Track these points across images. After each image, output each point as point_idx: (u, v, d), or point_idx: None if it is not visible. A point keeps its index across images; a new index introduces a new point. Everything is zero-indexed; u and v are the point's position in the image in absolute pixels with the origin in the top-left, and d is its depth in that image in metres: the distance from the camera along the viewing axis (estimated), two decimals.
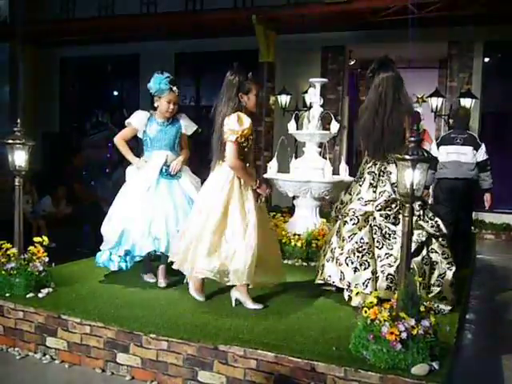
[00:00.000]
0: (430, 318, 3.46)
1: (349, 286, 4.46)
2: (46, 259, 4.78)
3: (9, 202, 5.11)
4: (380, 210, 4.56)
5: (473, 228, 9.93)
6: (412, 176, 3.46)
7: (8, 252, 4.73)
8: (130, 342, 3.95)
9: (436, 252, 4.58)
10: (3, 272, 4.64)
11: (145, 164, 5.16)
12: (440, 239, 4.65)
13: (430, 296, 4.38)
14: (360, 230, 4.59)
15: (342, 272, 4.54)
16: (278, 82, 11.64)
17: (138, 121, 5.24)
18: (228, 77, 4.64)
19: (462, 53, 11.41)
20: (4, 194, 7.85)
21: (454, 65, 11.53)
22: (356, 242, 4.55)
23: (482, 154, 7.05)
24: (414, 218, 4.33)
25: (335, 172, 7.01)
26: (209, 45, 12.96)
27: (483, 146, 7.10)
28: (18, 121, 4.88)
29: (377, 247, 4.50)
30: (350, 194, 4.93)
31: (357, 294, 3.72)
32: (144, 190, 4.99)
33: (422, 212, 4.59)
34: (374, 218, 4.57)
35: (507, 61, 11.78)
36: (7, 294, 4.56)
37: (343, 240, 4.65)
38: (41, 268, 4.70)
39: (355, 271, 4.43)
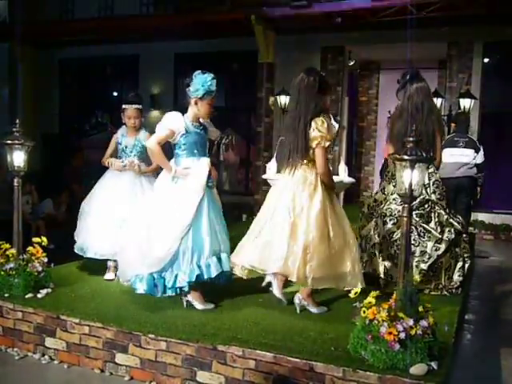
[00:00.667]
0: (428, 318, 3.45)
1: (391, 279, 4.93)
2: (45, 260, 4.79)
3: (7, 202, 5.11)
4: (414, 210, 4.85)
5: (472, 228, 10.03)
6: (411, 176, 3.46)
7: (7, 252, 4.74)
8: (129, 342, 3.95)
9: (459, 247, 5.15)
10: (2, 272, 4.65)
11: (187, 172, 4.55)
12: (464, 235, 5.27)
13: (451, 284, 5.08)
14: (398, 229, 4.88)
15: (385, 266, 5.07)
16: (277, 83, 11.63)
17: (177, 124, 4.68)
18: (304, 78, 4.36)
19: (462, 53, 11.41)
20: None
21: (453, 65, 11.53)
22: (395, 241, 4.96)
23: (480, 157, 7.88)
24: (445, 217, 5.03)
25: (334, 172, 7.00)
26: (208, 45, 12.97)
27: (482, 149, 7.92)
28: (17, 121, 4.89)
29: (413, 245, 4.82)
30: (384, 194, 5.29)
31: (355, 293, 3.71)
32: (196, 204, 4.40)
33: (449, 210, 5.08)
34: None
35: (506, 61, 11.78)
36: (6, 295, 4.57)
37: (383, 237, 5.12)
38: (40, 268, 4.70)
39: (396, 266, 4.68)
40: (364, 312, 3.49)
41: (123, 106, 5.60)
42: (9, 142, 4.81)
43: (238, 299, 4.69)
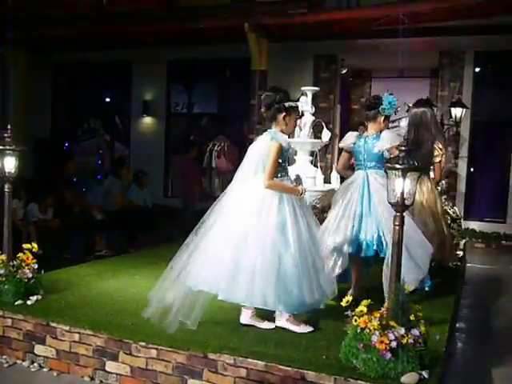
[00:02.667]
0: (419, 326, 3.46)
1: None
2: (35, 266, 4.76)
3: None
4: None
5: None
6: (402, 185, 3.47)
7: None
8: (119, 350, 3.93)
9: (454, 229, 6.88)
10: None
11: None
12: (458, 221, 7.13)
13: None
14: None
15: None
16: None
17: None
18: (429, 111, 6.00)
19: (453, 62, 11.48)
20: None
21: (444, 74, 11.59)
22: None
23: None
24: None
25: (326, 180, 7.01)
26: (201, 52, 12.97)
27: None
28: (9, 126, 4.86)
29: None
30: None
31: (347, 301, 3.70)
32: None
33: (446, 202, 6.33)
34: None
35: (497, 70, 11.87)
36: None
37: None
38: (30, 275, 4.67)
39: None
40: (355, 320, 3.49)
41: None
42: (0, 147, 4.78)
43: (229, 308, 4.67)
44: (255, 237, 4.06)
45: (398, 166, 3.46)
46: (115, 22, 12.28)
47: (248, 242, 4.05)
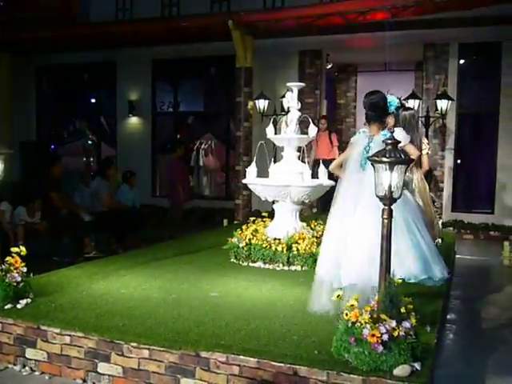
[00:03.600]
0: (410, 319, 3.47)
1: None
2: (24, 270, 4.72)
3: None
4: None
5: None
6: (390, 178, 3.48)
7: None
8: (111, 351, 3.91)
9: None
10: None
11: None
12: (435, 203, 8.19)
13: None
14: None
15: None
16: (255, 87, 11.64)
17: None
18: (416, 112, 6.80)
19: (437, 55, 11.53)
20: None
21: (429, 67, 11.65)
22: None
23: None
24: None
25: (314, 176, 7.02)
26: (186, 51, 12.95)
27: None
28: None
29: None
30: None
31: (338, 296, 3.72)
32: None
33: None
34: None
35: (481, 62, 11.94)
36: None
37: None
38: (19, 278, 4.63)
39: None
40: (346, 315, 3.49)
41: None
42: None
43: (221, 306, 4.67)
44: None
45: (385, 160, 3.47)
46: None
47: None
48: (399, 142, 3.63)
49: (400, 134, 5.30)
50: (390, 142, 3.52)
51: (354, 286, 4.22)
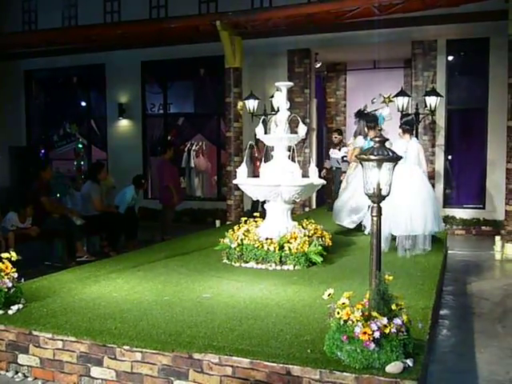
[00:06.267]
0: (402, 315, 3.48)
1: None
2: (15, 275, 4.70)
3: None
4: None
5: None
6: (378, 176, 3.48)
7: None
8: (104, 355, 3.90)
9: None
10: None
11: None
12: None
13: None
14: None
15: None
16: (245, 87, 11.64)
17: None
18: None
19: (426, 52, 11.56)
20: None
21: (418, 64, 11.67)
22: None
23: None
24: None
25: (305, 175, 7.03)
26: (175, 52, 12.94)
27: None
28: None
29: None
30: None
31: (329, 295, 3.72)
32: None
33: None
34: None
35: (470, 58, 11.98)
36: None
37: None
38: (10, 284, 4.61)
39: None
40: (338, 313, 3.50)
41: None
42: None
43: (214, 307, 4.67)
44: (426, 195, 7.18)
45: (372, 157, 3.48)
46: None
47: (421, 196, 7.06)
48: (387, 140, 3.64)
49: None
50: (377, 139, 3.53)
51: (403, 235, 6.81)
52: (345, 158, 10.48)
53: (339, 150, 10.91)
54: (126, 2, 13.47)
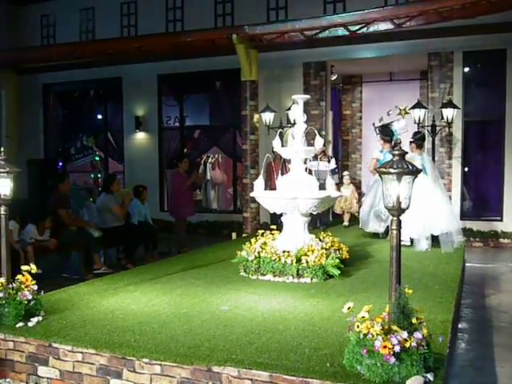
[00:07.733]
0: (422, 329, 3.45)
1: None
2: (35, 287, 4.74)
3: None
4: None
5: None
6: (398, 189, 3.47)
7: None
8: (123, 367, 3.91)
9: None
10: None
11: None
12: None
13: None
14: None
15: None
16: (261, 100, 11.68)
17: None
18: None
19: (442, 64, 11.54)
20: None
21: (434, 76, 11.66)
22: None
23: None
24: None
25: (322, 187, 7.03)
26: (191, 65, 13.04)
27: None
28: (1, 148, 4.86)
29: None
30: None
31: (348, 308, 3.70)
32: None
33: None
34: None
35: (486, 70, 11.94)
36: None
37: None
38: (30, 297, 4.65)
39: None
40: (358, 327, 3.48)
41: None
42: None
43: (232, 319, 4.67)
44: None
45: (392, 171, 3.47)
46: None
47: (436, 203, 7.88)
48: (406, 153, 3.64)
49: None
50: (396, 153, 3.52)
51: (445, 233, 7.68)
52: (336, 171, 10.37)
53: (328, 161, 9.56)
54: (143, 16, 13.65)
